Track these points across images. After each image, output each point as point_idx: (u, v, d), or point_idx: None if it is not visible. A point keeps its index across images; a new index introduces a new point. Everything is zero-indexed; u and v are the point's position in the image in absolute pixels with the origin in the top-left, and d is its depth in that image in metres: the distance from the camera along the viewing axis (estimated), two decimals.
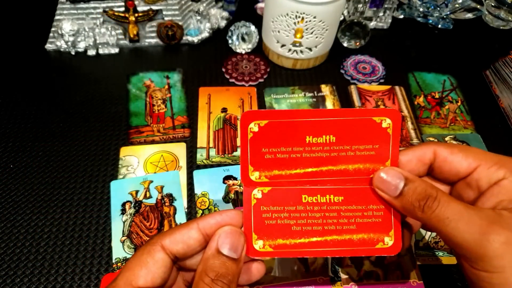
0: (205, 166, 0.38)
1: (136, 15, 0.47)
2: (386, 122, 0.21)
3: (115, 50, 0.47)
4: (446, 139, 0.41)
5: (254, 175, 0.21)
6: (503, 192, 0.19)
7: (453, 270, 0.32)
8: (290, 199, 0.21)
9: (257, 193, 0.21)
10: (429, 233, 0.34)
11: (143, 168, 0.37)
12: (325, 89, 0.45)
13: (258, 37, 0.49)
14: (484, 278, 0.18)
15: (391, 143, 0.21)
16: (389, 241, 0.22)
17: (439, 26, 0.54)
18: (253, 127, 0.20)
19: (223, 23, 0.51)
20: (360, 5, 0.51)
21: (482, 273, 0.18)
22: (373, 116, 0.21)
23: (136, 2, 0.46)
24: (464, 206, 0.19)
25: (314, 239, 0.21)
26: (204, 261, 0.20)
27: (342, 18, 0.53)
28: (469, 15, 0.55)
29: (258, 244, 0.21)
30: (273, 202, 0.21)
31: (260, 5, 0.54)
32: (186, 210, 0.34)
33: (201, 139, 0.40)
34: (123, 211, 0.34)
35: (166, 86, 0.44)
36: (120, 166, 0.37)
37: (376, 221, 0.22)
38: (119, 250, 0.32)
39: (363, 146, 0.21)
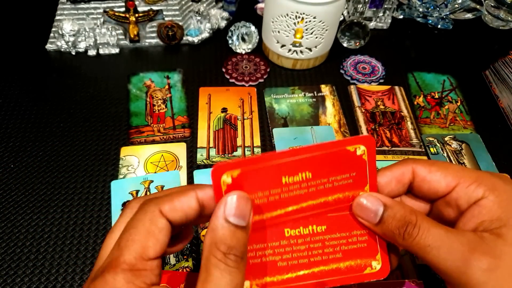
0: (206, 166, 0.38)
1: (137, 15, 0.47)
2: (361, 149, 0.21)
3: (116, 50, 0.47)
4: (446, 139, 0.41)
5: None
6: (484, 212, 0.19)
7: None
8: (272, 235, 0.21)
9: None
10: None
11: (143, 168, 0.37)
12: (325, 89, 0.45)
13: (258, 37, 0.49)
14: None
15: (368, 168, 0.21)
16: (376, 265, 0.21)
17: (439, 26, 0.54)
18: (226, 179, 0.19)
19: (223, 24, 0.51)
20: (360, 6, 0.52)
21: None
22: (346, 146, 0.21)
23: (136, 3, 0.46)
24: (445, 231, 0.19)
25: (302, 272, 0.21)
26: (212, 232, 0.18)
27: (342, 18, 0.53)
28: (469, 15, 0.55)
29: (245, 286, 0.20)
30: (256, 240, 0.21)
31: (260, 5, 0.54)
32: None
33: (201, 139, 0.40)
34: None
35: (167, 86, 0.44)
36: (120, 166, 0.37)
37: (361, 246, 0.21)
38: None
39: (340, 176, 0.21)
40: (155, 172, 0.37)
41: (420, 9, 0.54)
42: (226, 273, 0.17)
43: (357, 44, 0.50)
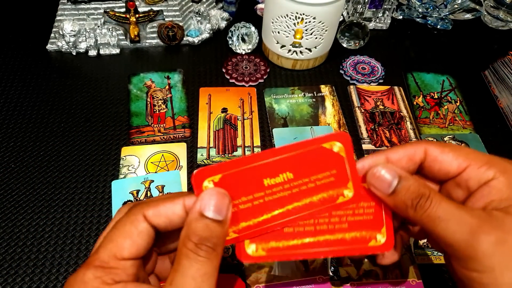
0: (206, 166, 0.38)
1: (137, 15, 0.47)
2: (337, 146, 0.21)
3: (116, 51, 0.48)
4: (445, 139, 0.41)
5: None
6: (493, 192, 0.20)
7: None
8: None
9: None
10: None
11: (144, 168, 0.37)
12: (325, 90, 0.45)
13: (258, 37, 0.49)
14: (474, 279, 0.18)
15: (347, 164, 0.21)
16: (381, 238, 0.21)
17: (438, 26, 0.54)
18: (208, 185, 0.20)
19: (223, 24, 0.51)
20: (359, 6, 0.52)
21: (473, 274, 0.18)
22: (322, 144, 0.21)
23: (137, 3, 0.46)
24: (455, 205, 0.19)
25: (307, 240, 0.21)
26: (187, 225, 0.19)
27: (341, 18, 0.53)
28: (468, 16, 0.55)
29: (251, 248, 0.21)
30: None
31: (260, 6, 0.54)
32: None
33: (202, 139, 0.40)
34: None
35: (167, 87, 0.44)
36: (121, 166, 0.37)
37: (367, 218, 0.21)
38: None
39: (321, 174, 0.21)
40: (155, 172, 0.37)
41: (420, 10, 0.54)
42: (195, 262, 0.18)
43: (357, 44, 0.50)
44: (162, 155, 0.38)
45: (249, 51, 0.49)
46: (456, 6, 0.53)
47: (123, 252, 0.18)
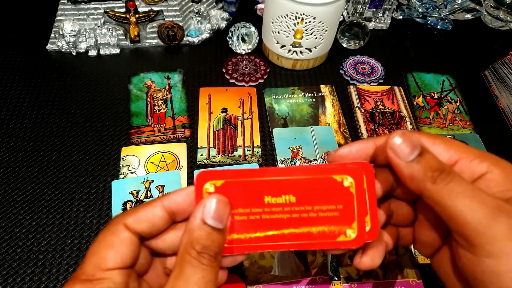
0: (206, 166, 0.38)
1: (137, 16, 0.47)
2: (348, 181, 0.20)
3: (116, 51, 0.48)
4: None
5: None
6: (492, 185, 0.19)
7: None
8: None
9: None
10: None
11: (144, 168, 0.37)
12: (325, 90, 0.45)
13: (258, 37, 0.49)
14: (488, 267, 0.17)
15: (356, 203, 0.20)
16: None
17: (438, 26, 0.54)
18: (209, 187, 0.19)
19: (223, 24, 0.51)
20: (359, 6, 0.52)
21: (487, 260, 0.17)
22: (333, 174, 0.20)
23: (137, 3, 0.46)
24: (476, 187, 0.18)
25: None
26: (189, 232, 0.19)
27: (341, 19, 0.53)
28: (468, 16, 0.55)
29: None
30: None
31: (260, 6, 0.54)
32: None
33: (202, 139, 0.40)
34: (124, 211, 0.34)
35: (167, 87, 0.44)
36: (121, 166, 0.37)
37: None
38: None
39: (326, 206, 0.20)
40: (155, 172, 0.37)
41: (420, 10, 0.54)
42: (199, 269, 0.18)
43: (357, 44, 0.50)
44: (162, 155, 0.38)
45: (249, 51, 0.49)
46: (456, 6, 0.53)
47: (107, 262, 0.18)
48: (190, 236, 0.18)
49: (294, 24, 0.42)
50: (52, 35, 0.48)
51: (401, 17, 0.55)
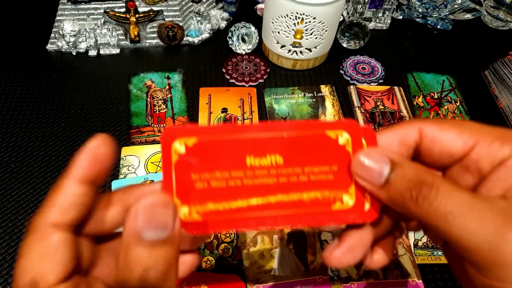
0: None
1: (137, 16, 0.47)
2: (343, 138, 0.17)
3: (116, 51, 0.48)
4: None
5: (183, 211, 0.16)
6: None
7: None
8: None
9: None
10: None
11: (144, 168, 0.37)
12: (325, 90, 0.45)
13: (258, 37, 0.49)
14: None
15: None
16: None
17: (438, 26, 0.54)
18: (179, 147, 0.16)
19: (223, 24, 0.51)
20: (359, 6, 0.52)
21: (497, 283, 0.14)
22: (326, 130, 0.17)
23: (137, 3, 0.46)
24: (471, 196, 0.15)
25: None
26: (124, 253, 0.14)
27: (341, 19, 0.53)
28: (468, 16, 0.55)
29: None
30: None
31: (260, 6, 0.54)
32: None
33: None
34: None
35: (167, 87, 0.44)
36: (121, 166, 0.37)
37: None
38: None
39: (318, 168, 0.17)
40: (155, 172, 0.37)
41: (420, 10, 0.54)
42: None
43: (357, 44, 0.50)
44: None
45: (249, 51, 0.49)
46: (456, 6, 0.53)
47: (47, 278, 0.14)
48: (126, 258, 0.14)
49: (294, 24, 0.42)
50: (52, 35, 0.48)
51: (401, 17, 0.55)
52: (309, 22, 0.42)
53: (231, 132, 0.17)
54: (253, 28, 0.48)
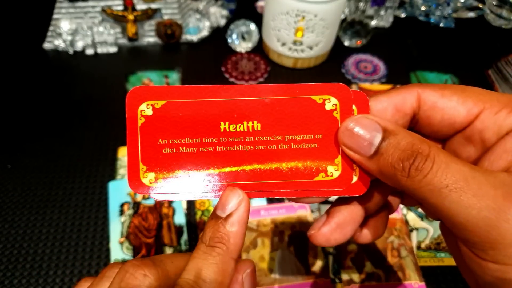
0: None
1: (135, 13, 0.46)
2: (331, 103, 0.15)
3: (114, 49, 0.47)
4: None
5: (148, 178, 0.15)
6: None
7: (455, 272, 0.32)
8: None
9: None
10: (430, 233, 0.34)
11: None
12: None
13: (258, 35, 0.48)
14: (494, 272, 0.13)
15: None
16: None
17: (441, 25, 0.53)
18: (145, 109, 0.15)
19: (222, 22, 0.51)
20: (361, 4, 0.51)
21: (492, 265, 0.13)
22: (311, 95, 0.16)
23: (135, 1, 0.46)
24: (470, 168, 0.13)
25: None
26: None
27: (343, 16, 0.52)
28: (471, 14, 0.55)
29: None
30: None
31: (260, 3, 0.54)
32: (185, 211, 0.34)
33: None
34: (122, 212, 0.34)
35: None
36: (118, 166, 0.37)
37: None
38: (117, 251, 0.31)
39: (300, 136, 0.15)
40: None
41: (422, 8, 0.53)
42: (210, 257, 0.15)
43: (359, 42, 0.49)
44: None
45: (249, 49, 0.48)
46: (459, 4, 0.53)
47: None
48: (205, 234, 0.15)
49: (295, 21, 0.42)
50: (49, 33, 0.47)
51: (403, 15, 0.54)
52: (310, 19, 0.41)
53: (205, 94, 0.15)
54: (253, 26, 0.48)
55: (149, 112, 0.15)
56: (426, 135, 0.16)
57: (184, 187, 0.15)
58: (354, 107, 0.16)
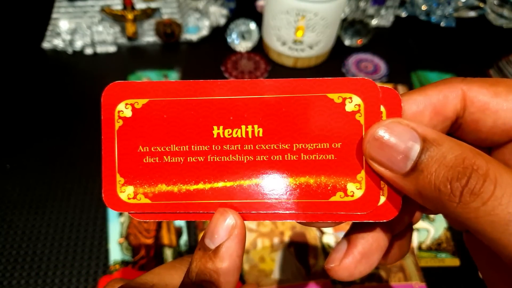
0: None
1: (134, 13, 0.46)
2: (353, 103, 0.12)
3: (113, 49, 0.47)
4: None
5: (126, 192, 0.13)
6: None
7: (456, 272, 0.32)
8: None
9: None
10: (431, 234, 0.34)
11: None
12: None
13: (258, 35, 0.48)
14: None
15: None
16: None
17: (442, 24, 0.53)
18: (124, 110, 0.13)
19: (222, 21, 0.50)
20: (362, 3, 0.51)
21: None
22: (328, 93, 0.12)
23: (134, 0, 0.46)
24: None
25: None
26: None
27: (343, 16, 0.52)
28: (472, 13, 0.54)
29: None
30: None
31: (260, 2, 0.53)
32: None
33: None
34: (121, 213, 0.33)
35: None
36: None
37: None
38: (116, 252, 0.31)
39: (313, 145, 0.12)
40: None
41: (423, 7, 0.53)
42: None
43: (359, 42, 0.49)
44: None
45: (249, 48, 0.48)
46: (459, 3, 0.52)
47: None
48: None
49: (295, 21, 0.41)
50: (48, 33, 0.47)
51: (404, 14, 0.54)
52: (311, 19, 0.41)
53: (195, 91, 0.12)
54: (253, 25, 0.47)
55: (128, 113, 0.13)
56: (470, 143, 0.12)
57: (169, 206, 0.13)
58: (382, 108, 0.12)
